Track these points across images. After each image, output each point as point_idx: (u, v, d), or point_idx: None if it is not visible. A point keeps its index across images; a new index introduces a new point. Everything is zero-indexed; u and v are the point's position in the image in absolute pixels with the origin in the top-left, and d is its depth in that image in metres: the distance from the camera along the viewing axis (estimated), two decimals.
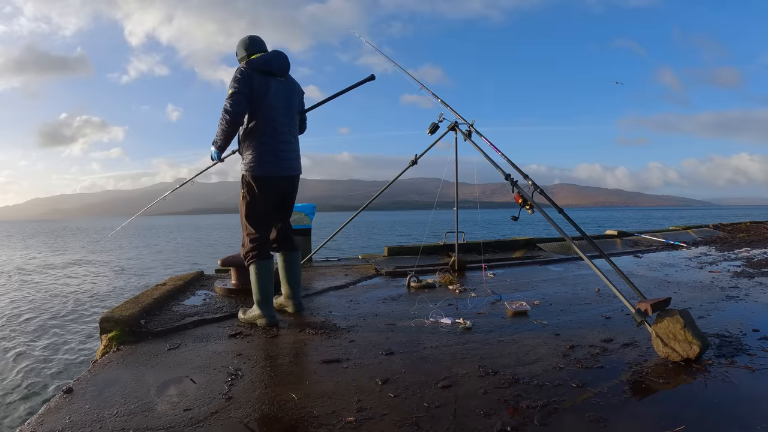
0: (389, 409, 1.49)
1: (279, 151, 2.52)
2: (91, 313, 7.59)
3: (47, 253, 21.60)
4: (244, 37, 2.63)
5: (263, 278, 2.48)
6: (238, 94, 2.39)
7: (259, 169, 2.48)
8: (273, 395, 1.61)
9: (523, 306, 2.77)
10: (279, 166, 2.53)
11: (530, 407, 1.47)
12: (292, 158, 2.60)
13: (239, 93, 2.39)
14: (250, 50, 2.59)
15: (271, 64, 2.50)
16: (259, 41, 2.62)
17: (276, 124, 2.51)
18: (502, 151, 2.94)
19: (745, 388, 1.61)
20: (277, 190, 2.58)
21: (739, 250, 5.54)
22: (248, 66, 2.46)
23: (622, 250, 5.83)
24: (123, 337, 2.23)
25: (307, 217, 4.70)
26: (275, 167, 2.51)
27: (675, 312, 1.90)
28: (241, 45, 2.62)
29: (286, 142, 2.56)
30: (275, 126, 2.51)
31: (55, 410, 1.53)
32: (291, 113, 2.62)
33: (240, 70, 2.44)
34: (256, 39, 2.62)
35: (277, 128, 2.52)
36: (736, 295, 3.06)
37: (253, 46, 2.60)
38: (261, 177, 2.49)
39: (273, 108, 2.49)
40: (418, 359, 1.95)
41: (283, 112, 2.56)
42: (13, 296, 9.43)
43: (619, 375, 1.75)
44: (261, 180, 2.50)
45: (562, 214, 2.57)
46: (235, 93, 2.39)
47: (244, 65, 2.47)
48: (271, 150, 2.50)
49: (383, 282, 3.73)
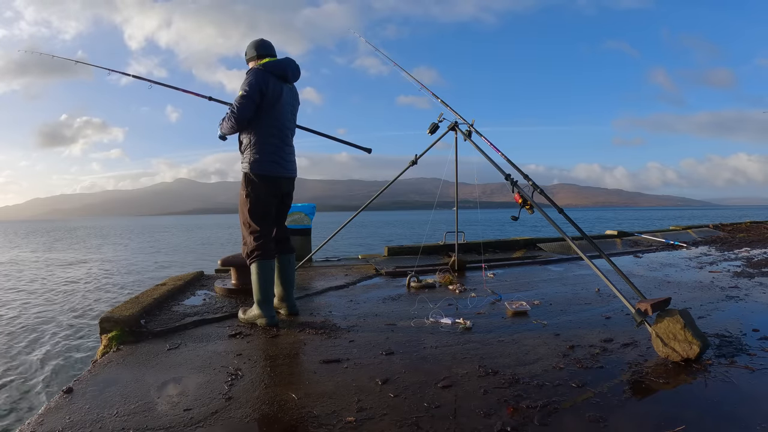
0: (389, 409, 1.49)
1: (284, 153, 2.61)
2: (91, 313, 7.59)
3: (47, 253, 21.61)
4: (257, 39, 2.69)
5: (265, 278, 2.49)
6: (249, 98, 2.43)
7: (266, 168, 2.53)
8: (273, 395, 1.61)
9: (523, 306, 2.77)
10: (284, 167, 2.61)
11: (530, 407, 1.47)
12: (293, 161, 2.71)
13: (249, 98, 2.44)
14: (260, 52, 2.64)
15: (286, 71, 2.59)
16: (269, 45, 2.68)
17: (283, 128, 2.60)
18: (502, 151, 2.94)
19: (745, 388, 1.61)
20: (280, 190, 2.62)
21: (739, 250, 5.54)
22: (265, 68, 2.52)
23: (622, 250, 5.83)
24: (123, 337, 2.23)
25: (307, 217, 4.70)
26: (281, 168, 2.59)
27: (675, 312, 1.90)
28: (252, 46, 2.66)
29: (289, 145, 2.67)
30: (282, 129, 2.59)
31: (55, 410, 1.52)
32: (294, 119, 2.74)
33: (257, 71, 2.49)
34: (267, 43, 2.68)
35: (283, 131, 2.61)
36: (736, 295, 3.06)
37: (264, 48, 2.65)
38: (267, 176, 2.54)
39: (283, 112, 2.58)
40: (418, 359, 1.95)
41: (290, 117, 2.67)
42: (13, 296, 9.43)
43: (619, 375, 1.75)
44: (267, 179, 2.54)
45: (562, 214, 2.57)
46: (245, 97, 2.43)
47: (261, 66, 2.52)
48: (277, 151, 2.56)
49: (383, 282, 3.73)
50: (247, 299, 2.99)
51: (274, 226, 2.67)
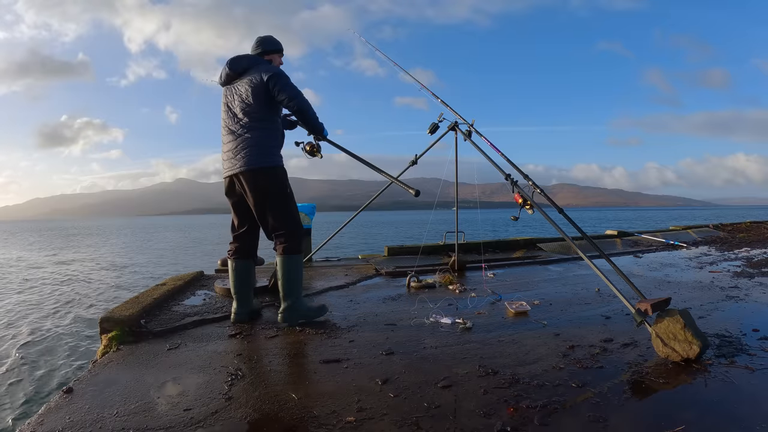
0: (389, 409, 1.49)
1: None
2: (91, 313, 7.59)
3: (47, 252, 21.61)
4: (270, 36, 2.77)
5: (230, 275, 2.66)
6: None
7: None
8: (273, 395, 1.61)
9: (523, 306, 2.76)
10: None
11: (530, 407, 1.47)
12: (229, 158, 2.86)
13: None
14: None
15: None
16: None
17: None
18: (502, 151, 2.94)
19: (745, 388, 1.61)
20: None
21: (739, 250, 5.54)
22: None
23: (622, 250, 5.83)
24: (123, 337, 2.23)
25: (307, 217, 4.70)
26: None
27: (675, 312, 1.90)
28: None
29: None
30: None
31: (55, 410, 1.52)
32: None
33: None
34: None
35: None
36: (736, 295, 3.06)
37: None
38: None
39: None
40: (418, 359, 1.95)
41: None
42: (12, 296, 9.43)
43: (619, 375, 1.75)
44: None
45: (562, 214, 2.57)
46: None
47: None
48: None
49: (383, 282, 3.73)
50: None
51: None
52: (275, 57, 2.69)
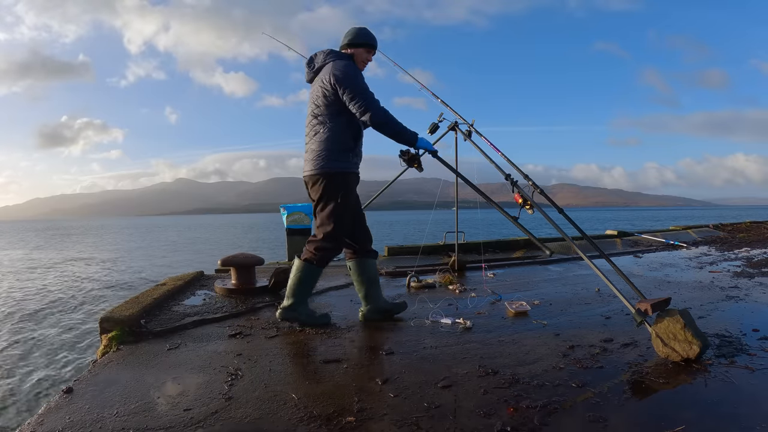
0: (389, 409, 1.49)
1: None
2: (91, 313, 7.59)
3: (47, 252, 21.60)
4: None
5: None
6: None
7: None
8: (273, 395, 1.61)
9: (523, 306, 2.76)
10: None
11: (530, 407, 1.47)
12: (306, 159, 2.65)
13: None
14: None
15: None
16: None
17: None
18: (502, 151, 2.94)
19: (745, 388, 1.61)
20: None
21: (739, 250, 5.54)
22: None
23: (622, 250, 5.83)
24: (123, 337, 2.23)
25: (307, 217, 4.71)
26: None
27: (675, 312, 1.90)
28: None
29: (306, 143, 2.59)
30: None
31: (55, 410, 1.52)
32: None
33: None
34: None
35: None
36: (736, 295, 3.06)
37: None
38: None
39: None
40: (418, 359, 1.95)
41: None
42: (13, 296, 9.42)
43: (619, 375, 1.75)
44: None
45: (562, 214, 2.57)
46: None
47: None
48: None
49: (383, 282, 3.72)
50: (247, 299, 2.99)
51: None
52: (360, 52, 2.43)
